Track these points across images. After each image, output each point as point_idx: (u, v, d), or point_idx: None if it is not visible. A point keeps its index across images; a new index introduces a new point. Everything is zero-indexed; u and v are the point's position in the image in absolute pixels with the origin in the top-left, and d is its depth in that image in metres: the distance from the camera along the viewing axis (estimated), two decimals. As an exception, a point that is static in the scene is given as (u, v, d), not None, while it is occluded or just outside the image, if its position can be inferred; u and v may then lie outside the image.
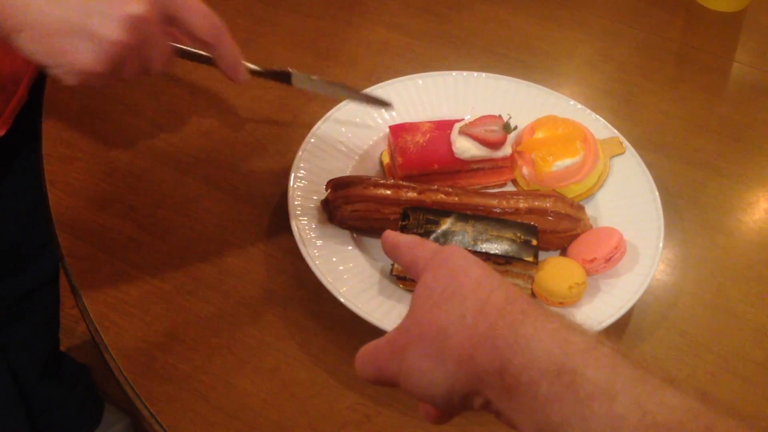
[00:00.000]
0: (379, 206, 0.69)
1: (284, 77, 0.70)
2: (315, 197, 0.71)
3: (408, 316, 0.43)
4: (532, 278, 0.66)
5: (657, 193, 0.72)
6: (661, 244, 0.68)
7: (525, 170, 0.74)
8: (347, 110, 0.79)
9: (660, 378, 0.36)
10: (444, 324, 0.40)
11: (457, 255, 0.44)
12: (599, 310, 0.65)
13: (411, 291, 0.66)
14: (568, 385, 0.35)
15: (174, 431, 0.59)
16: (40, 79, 0.86)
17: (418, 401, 0.43)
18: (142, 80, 0.83)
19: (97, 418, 1.29)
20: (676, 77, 0.91)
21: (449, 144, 0.73)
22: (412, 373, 0.41)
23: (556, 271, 0.66)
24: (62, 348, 1.31)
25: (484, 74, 0.83)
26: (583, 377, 0.35)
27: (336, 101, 0.79)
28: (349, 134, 0.77)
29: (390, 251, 0.51)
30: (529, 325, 0.38)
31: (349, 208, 0.69)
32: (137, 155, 0.78)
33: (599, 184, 0.75)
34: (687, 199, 0.77)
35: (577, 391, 0.35)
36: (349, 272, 0.67)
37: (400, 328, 0.43)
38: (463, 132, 0.73)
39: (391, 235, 0.51)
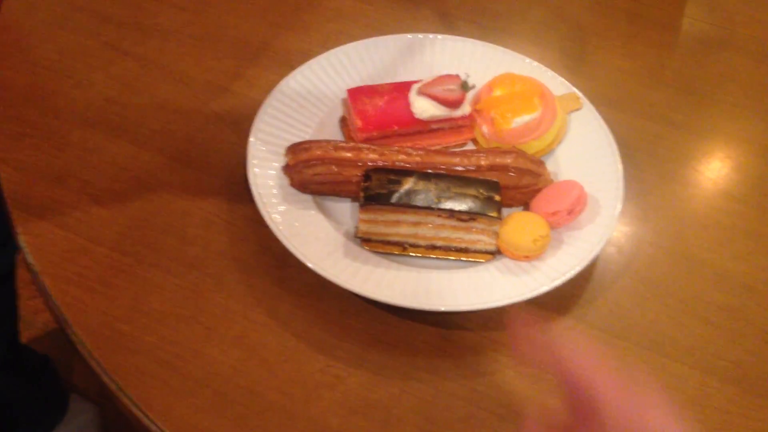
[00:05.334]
0: (341, 169, 0.68)
1: None
2: (275, 164, 0.70)
3: None
4: (496, 233, 0.66)
5: (615, 147, 0.73)
6: (621, 196, 0.69)
7: (485, 128, 0.74)
8: (303, 76, 0.78)
9: None
10: None
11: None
12: (563, 261, 0.65)
13: (376, 252, 0.66)
14: None
15: (142, 402, 0.58)
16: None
17: None
18: (91, 54, 0.82)
19: (63, 408, 1.26)
20: (628, 34, 0.91)
21: (408, 105, 0.73)
22: None
23: (520, 226, 0.66)
24: (23, 340, 1.28)
25: (440, 36, 0.83)
26: None
27: (291, 68, 0.78)
28: (307, 100, 0.77)
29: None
30: None
31: (310, 172, 0.68)
32: (90, 130, 0.76)
33: (558, 139, 0.75)
34: (644, 152, 0.78)
35: None
36: (313, 236, 0.66)
37: None
38: (421, 92, 0.73)
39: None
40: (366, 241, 0.67)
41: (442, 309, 0.63)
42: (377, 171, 0.67)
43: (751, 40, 0.91)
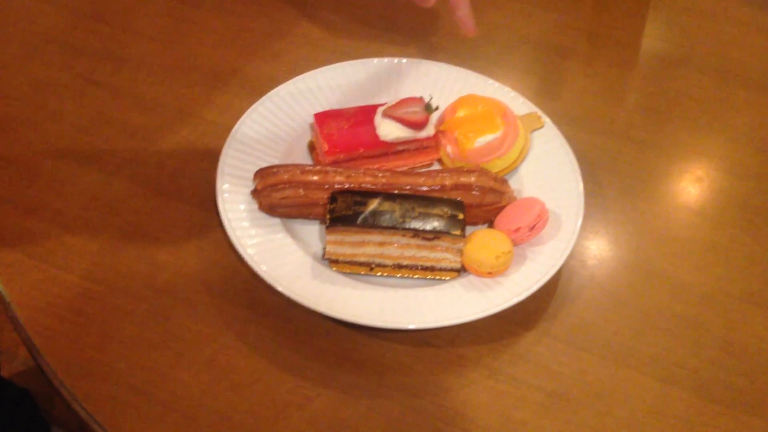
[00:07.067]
0: (308, 192, 0.69)
1: None
2: (244, 189, 0.72)
3: None
4: (460, 251, 0.67)
5: (576, 164, 0.75)
6: (581, 211, 0.71)
7: (449, 148, 0.76)
8: (272, 102, 0.79)
9: None
10: None
11: None
12: (527, 276, 0.67)
13: (343, 273, 0.68)
14: None
15: (113, 429, 0.59)
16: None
17: None
18: (63, 85, 0.83)
19: (43, 439, 1.26)
20: (589, 54, 0.94)
21: (374, 128, 0.75)
22: None
23: (483, 243, 0.68)
24: (4, 374, 1.27)
25: (404, 59, 0.85)
26: None
27: (261, 94, 0.80)
28: (276, 125, 0.78)
29: None
30: None
31: (278, 195, 0.69)
32: (61, 160, 0.77)
33: (521, 157, 0.77)
34: (605, 168, 0.80)
35: None
36: (281, 259, 0.67)
37: None
38: (386, 115, 0.75)
39: None
40: (333, 262, 0.68)
41: (410, 327, 0.64)
42: (343, 193, 0.68)
43: (707, 57, 0.93)
